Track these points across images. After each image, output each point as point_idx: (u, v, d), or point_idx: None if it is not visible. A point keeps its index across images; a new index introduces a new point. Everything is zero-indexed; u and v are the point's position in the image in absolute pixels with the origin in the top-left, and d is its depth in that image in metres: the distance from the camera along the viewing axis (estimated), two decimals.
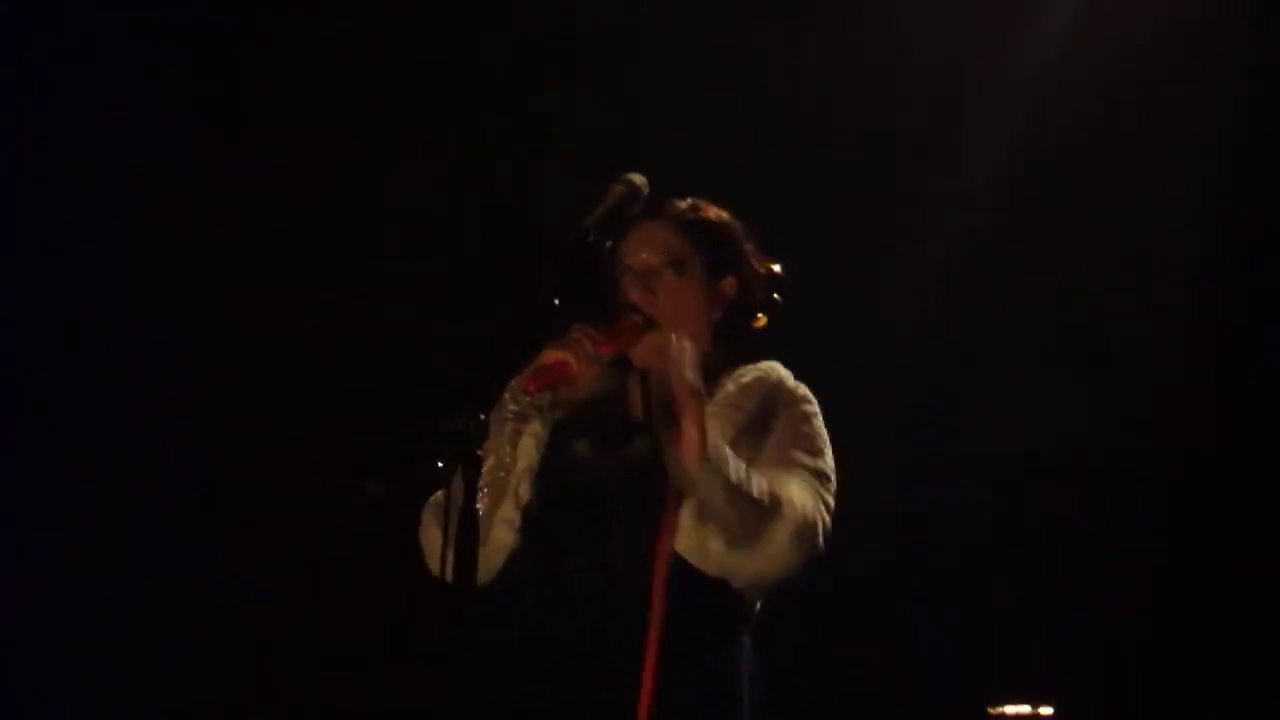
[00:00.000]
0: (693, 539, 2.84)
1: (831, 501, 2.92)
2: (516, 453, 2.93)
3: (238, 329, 4.74)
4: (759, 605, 2.94)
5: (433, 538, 2.88)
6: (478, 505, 2.60)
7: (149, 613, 4.63)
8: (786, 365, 3.07)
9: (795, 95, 4.62)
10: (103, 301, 4.75)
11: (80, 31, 4.74)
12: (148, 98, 4.73)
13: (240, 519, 4.66)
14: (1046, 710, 4.42)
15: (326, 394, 4.70)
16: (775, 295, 3.10)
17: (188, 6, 4.77)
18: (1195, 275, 4.64)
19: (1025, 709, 4.42)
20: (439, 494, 2.92)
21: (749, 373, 3.02)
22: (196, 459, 4.71)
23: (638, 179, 2.91)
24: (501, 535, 2.90)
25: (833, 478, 2.94)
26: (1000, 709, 4.43)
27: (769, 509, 2.82)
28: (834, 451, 2.96)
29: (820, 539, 2.86)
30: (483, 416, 2.58)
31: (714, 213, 3.09)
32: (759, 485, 2.82)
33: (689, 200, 3.09)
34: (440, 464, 2.57)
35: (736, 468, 2.81)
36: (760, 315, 3.09)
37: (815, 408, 3.01)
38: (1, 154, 4.74)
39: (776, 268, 3.11)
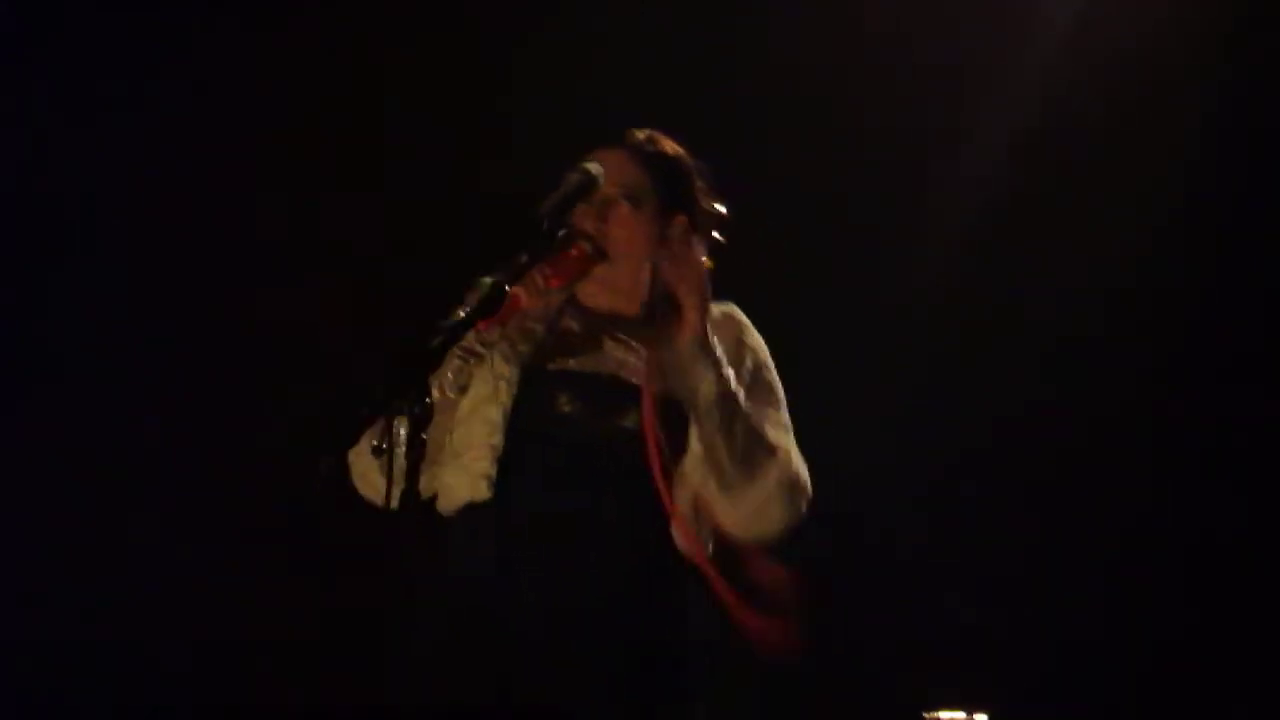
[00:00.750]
0: (688, 529, 2.84)
1: None
2: (482, 397, 2.88)
3: (229, 321, 4.73)
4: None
5: (361, 453, 2.80)
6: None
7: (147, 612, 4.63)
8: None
9: (792, 92, 4.62)
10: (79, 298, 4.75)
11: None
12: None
13: (235, 514, 4.65)
14: (981, 717, 4.41)
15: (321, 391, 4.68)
16: (719, 237, 3.02)
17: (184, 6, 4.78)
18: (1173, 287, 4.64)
19: (960, 715, 4.41)
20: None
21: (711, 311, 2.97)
22: (186, 456, 4.70)
23: (594, 168, 2.89)
24: (478, 490, 2.84)
25: (791, 428, 2.94)
26: (935, 715, 4.43)
27: (761, 443, 2.83)
28: None
29: (807, 495, 2.87)
30: (429, 400, 2.56)
31: (671, 147, 3.04)
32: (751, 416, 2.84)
33: (647, 131, 3.04)
34: (383, 446, 2.53)
35: (730, 373, 2.83)
36: (704, 260, 2.99)
37: (767, 353, 3.01)
38: None
39: (722, 208, 3.04)
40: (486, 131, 4.73)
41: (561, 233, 2.85)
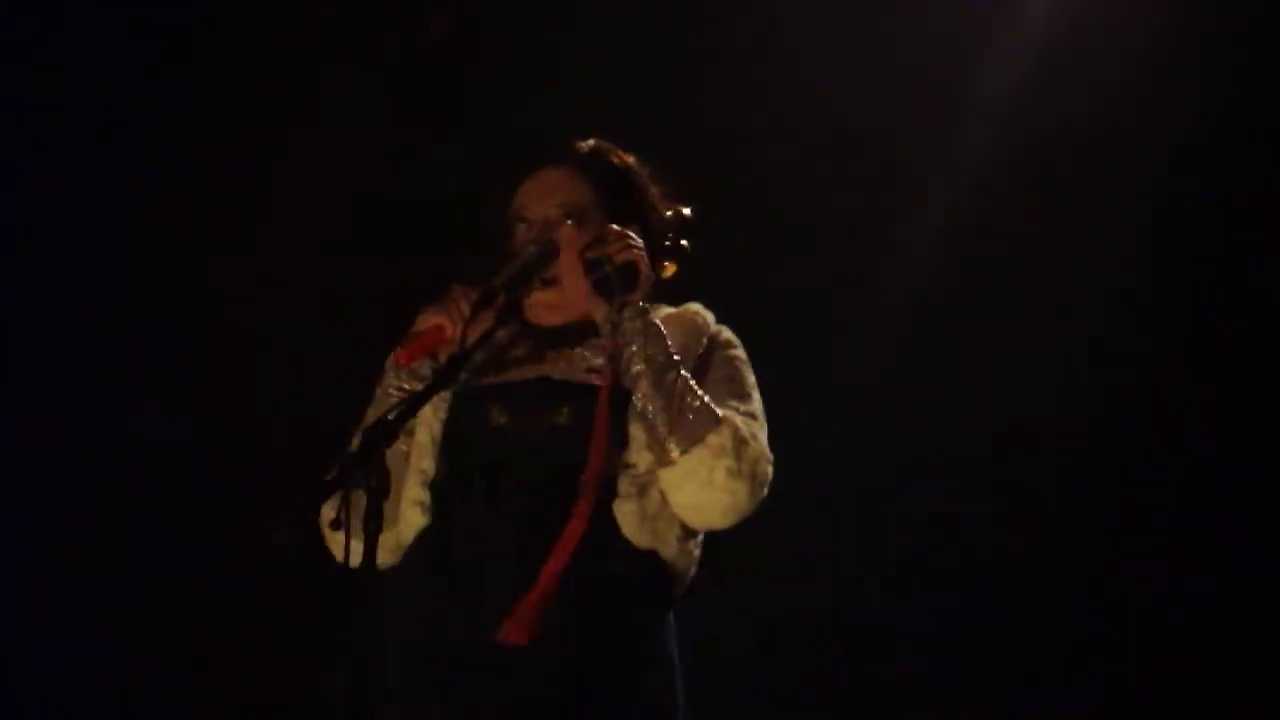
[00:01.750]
0: (634, 509, 2.76)
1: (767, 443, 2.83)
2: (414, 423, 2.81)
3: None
4: (685, 581, 2.85)
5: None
6: None
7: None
8: None
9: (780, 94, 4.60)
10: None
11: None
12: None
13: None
14: None
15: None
16: (683, 241, 2.93)
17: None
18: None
19: None
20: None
21: (663, 311, 2.90)
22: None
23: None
24: (413, 518, 2.80)
25: (764, 422, 2.84)
26: None
27: (705, 413, 2.73)
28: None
29: (766, 465, 2.77)
30: (387, 473, 2.50)
31: (618, 157, 2.96)
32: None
33: (592, 142, 2.96)
34: (340, 519, 2.47)
35: (669, 342, 2.76)
36: (667, 264, 2.92)
37: (742, 352, 2.91)
38: None
39: (687, 211, 2.95)
40: (490, 133, 4.73)
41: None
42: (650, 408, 2.73)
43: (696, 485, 2.72)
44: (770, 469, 2.79)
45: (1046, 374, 4.58)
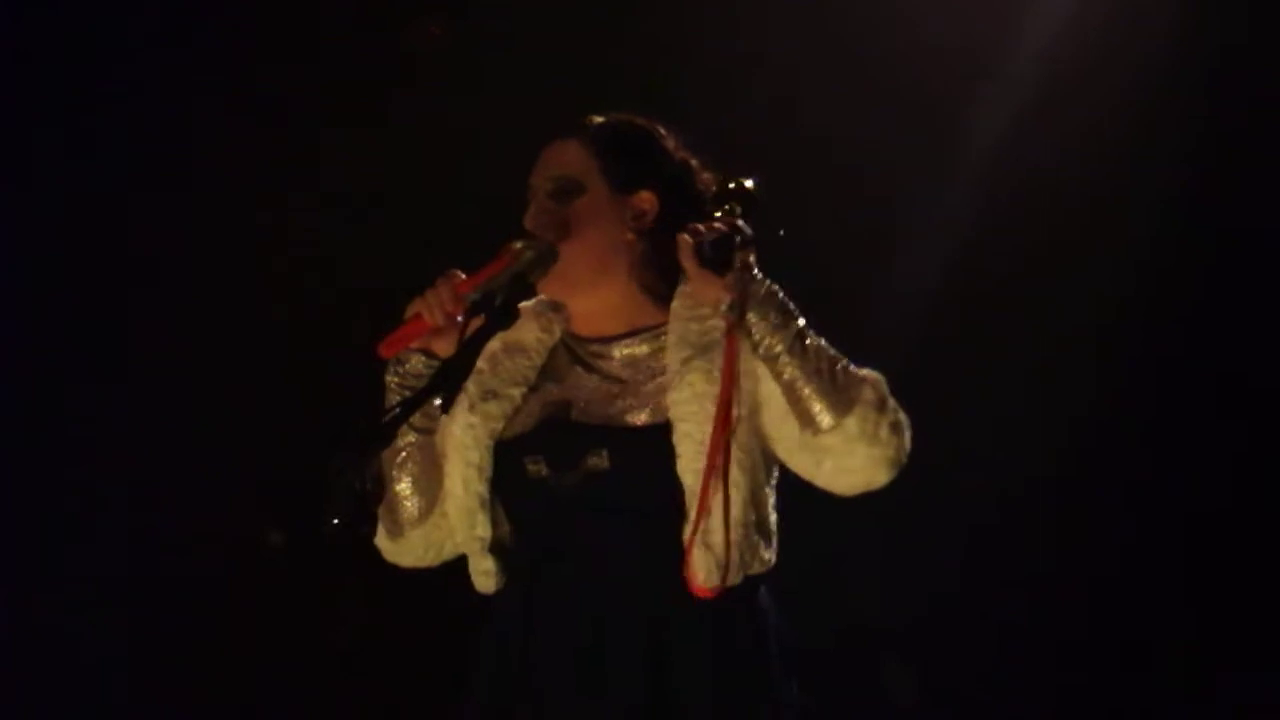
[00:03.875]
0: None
1: None
2: (456, 483, 2.73)
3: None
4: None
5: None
6: None
7: None
8: None
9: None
10: None
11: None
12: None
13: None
14: None
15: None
16: (728, 208, 2.71)
17: None
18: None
19: None
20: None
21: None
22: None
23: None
24: (485, 585, 2.73)
25: None
26: None
27: (847, 369, 2.62)
28: None
29: (907, 423, 2.63)
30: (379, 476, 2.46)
31: (631, 122, 2.82)
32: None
33: (609, 114, 2.83)
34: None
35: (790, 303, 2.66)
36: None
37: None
38: None
39: (733, 184, 2.74)
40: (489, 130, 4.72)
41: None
42: (798, 379, 2.61)
43: (866, 444, 2.60)
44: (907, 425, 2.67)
45: (1049, 383, 4.59)
